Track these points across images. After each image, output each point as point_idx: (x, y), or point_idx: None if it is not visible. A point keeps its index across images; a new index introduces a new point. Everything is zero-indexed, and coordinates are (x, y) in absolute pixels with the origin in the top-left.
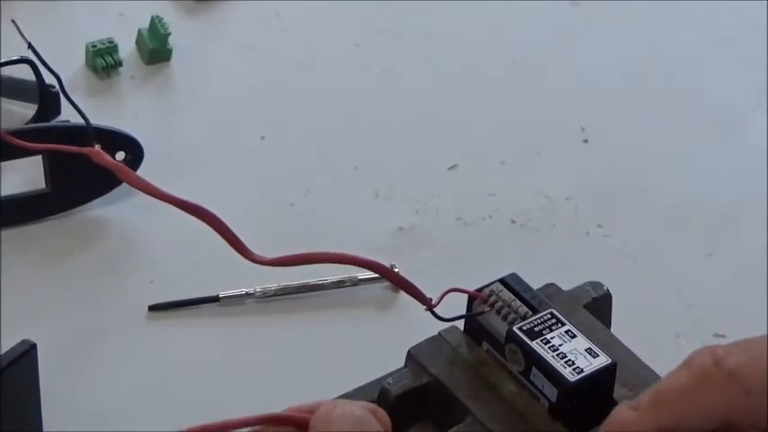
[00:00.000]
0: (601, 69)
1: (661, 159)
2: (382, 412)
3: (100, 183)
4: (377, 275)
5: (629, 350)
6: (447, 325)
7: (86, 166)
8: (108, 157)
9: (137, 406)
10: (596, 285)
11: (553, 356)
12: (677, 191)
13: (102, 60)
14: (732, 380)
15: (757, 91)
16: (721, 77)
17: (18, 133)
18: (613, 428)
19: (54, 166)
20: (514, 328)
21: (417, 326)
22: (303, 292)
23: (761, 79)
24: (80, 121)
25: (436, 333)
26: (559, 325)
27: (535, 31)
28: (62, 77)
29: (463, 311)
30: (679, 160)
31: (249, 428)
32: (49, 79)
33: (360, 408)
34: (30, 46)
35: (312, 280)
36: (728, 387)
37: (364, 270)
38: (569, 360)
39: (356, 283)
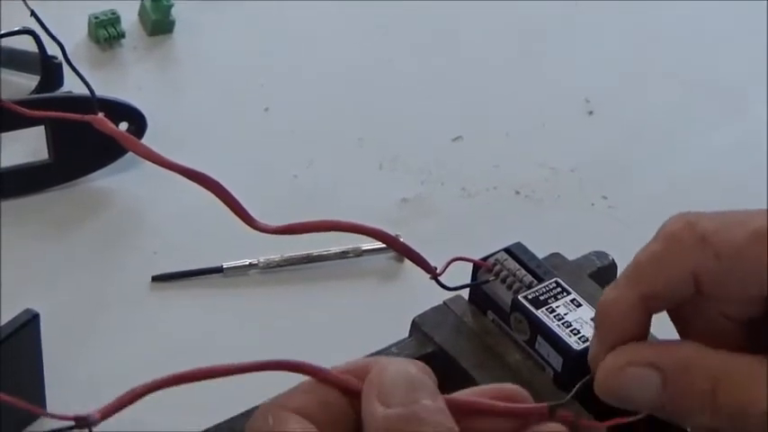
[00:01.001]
0: (605, 42)
1: (665, 131)
2: (429, 369)
3: (102, 153)
4: (381, 246)
5: None
6: (452, 294)
7: (89, 137)
8: (112, 125)
9: (140, 377)
10: (601, 255)
11: (558, 325)
12: (682, 163)
13: (105, 32)
14: (703, 243)
15: (761, 64)
16: (725, 51)
17: (21, 103)
18: (600, 310)
19: (56, 136)
20: (519, 297)
21: (422, 295)
22: (307, 263)
23: (764, 53)
24: (83, 92)
25: (441, 302)
26: (565, 294)
27: (540, 3)
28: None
29: (468, 281)
30: (684, 132)
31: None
32: (51, 51)
33: (413, 365)
34: (33, 13)
35: (316, 250)
36: (699, 249)
37: (368, 240)
38: (574, 329)
39: (360, 253)
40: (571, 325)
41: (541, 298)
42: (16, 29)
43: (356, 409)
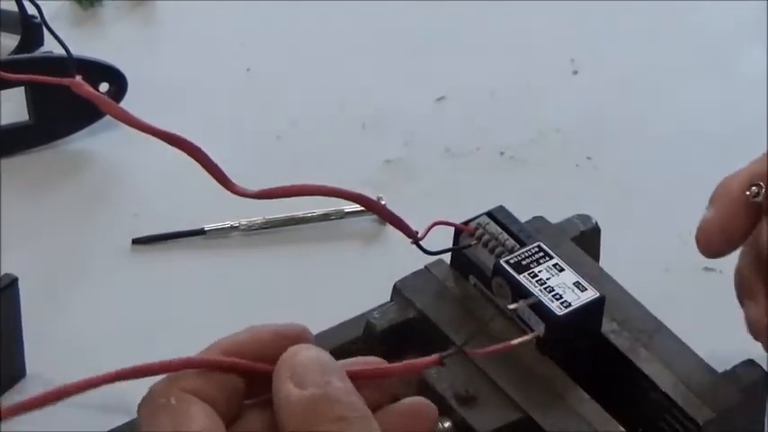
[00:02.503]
0: (591, 0)
1: (652, 91)
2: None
3: (83, 115)
4: (363, 208)
5: (617, 284)
6: (434, 258)
7: (69, 98)
8: (89, 88)
9: (121, 339)
10: (585, 218)
11: (540, 290)
12: (668, 123)
13: None
14: None
15: (753, 24)
16: (712, 8)
17: None
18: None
19: (36, 97)
20: (501, 262)
21: (404, 259)
22: (289, 225)
23: (758, 12)
24: (63, 52)
25: (423, 267)
26: (547, 258)
27: None
28: (45, 8)
29: (450, 245)
30: (671, 92)
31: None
32: (31, 9)
33: (320, 350)
34: None
35: (298, 213)
36: None
37: (351, 203)
38: (557, 294)
39: (342, 215)
40: (553, 290)
41: (524, 262)
42: None
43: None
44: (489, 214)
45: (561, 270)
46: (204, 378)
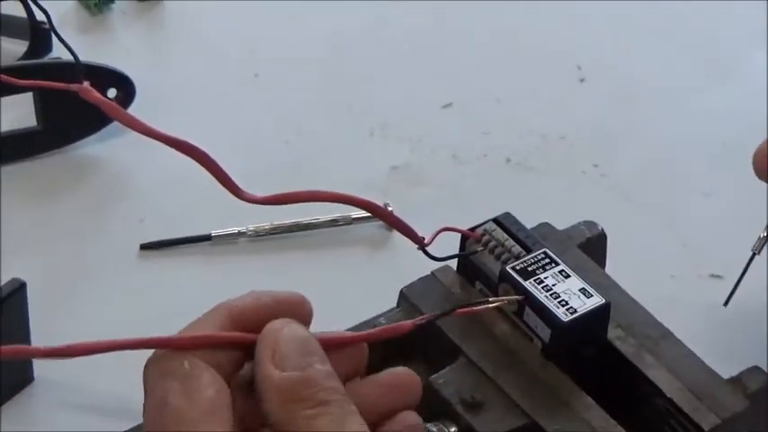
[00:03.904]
0: (598, 7)
1: (658, 99)
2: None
3: (91, 120)
4: (370, 214)
5: (623, 290)
6: (440, 264)
7: (77, 104)
8: (97, 94)
9: None
10: (591, 225)
11: (546, 296)
12: (674, 130)
13: None
14: None
15: (757, 33)
16: (718, 16)
17: (7, 70)
18: None
19: (45, 103)
20: (508, 268)
21: (410, 265)
22: (296, 231)
23: (762, 19)
24: (71, 58)
25: (429, 273)
26: (553, 265)
27: None
28: (54, 14)
29: (456, 251)
30: (676, 100)
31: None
32: (40, 16)
33: (302, 327)
34: None
35: (305, 219)
36: None
37: (358, 209)
38: (563, 300)
39: (349, 221)
40: (559, 296)
41: (530, 269)
42: None
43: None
44: (496, 220)
45: (567, 276)
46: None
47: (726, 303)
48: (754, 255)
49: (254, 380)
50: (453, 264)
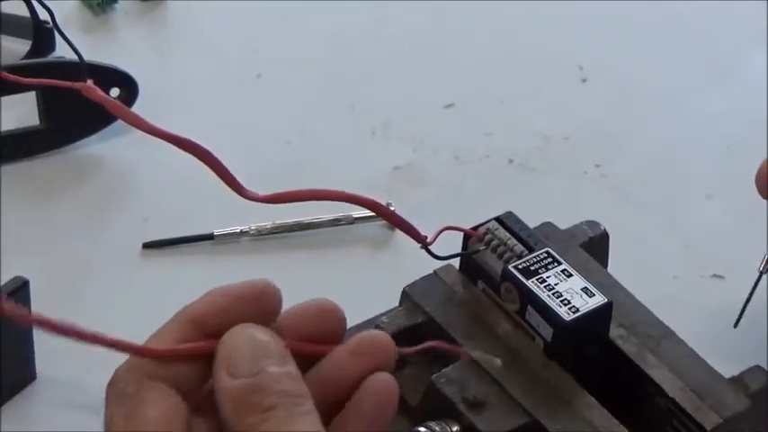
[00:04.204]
0: (599, 8)
1: (660, 99)
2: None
3: (94, 119)
4: (372, 214)
5: (625, 290)
6: (442, 263)
7: (80, 103)
8: (100, 93)
9: None
10: (593, 224)
11: (549, 295)
12: (676, 131)
13: None
14: None
15: (758, 33)
16: (720, 16)
17: (11, 69)
18: None
19: (48, 102)
20: (510, 267)
21: (413, 264)
22: (298, 231)
23: (762, 21)
24: (74, 57)
25: (431, 272)
26: (555, 264)
27: None
28: (57, 13)
29: (459, 250)
30: (678, 100)
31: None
32: (43, 15)
33: (259, 330)
34: None
35: (307, 218)
36: None
37: (360, 208)
38: (565, 299)
39: (351, 221)
40: (561, 295)
41: (532, 268)
42: None
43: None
44: (498, 220)
45: (569, 276)
46: (165, 362)
47: (735, 325)
48: (761, 274)
49: (214, 391)
50: (456, 263)
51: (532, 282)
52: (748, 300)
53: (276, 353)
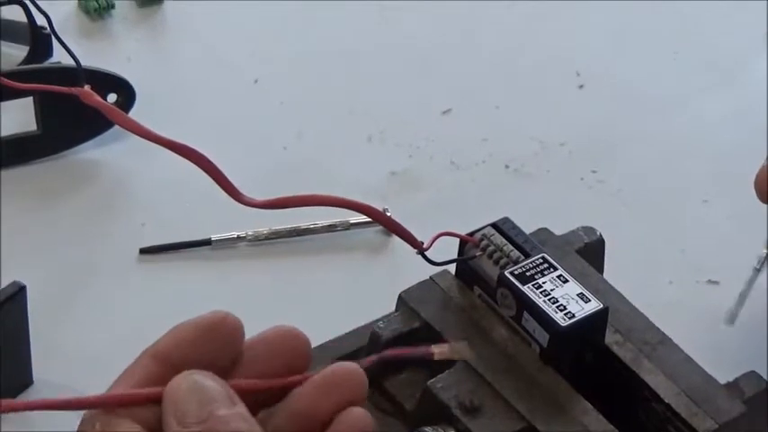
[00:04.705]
0: (597, 14)
1: (656, 105)
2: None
3: (91, 125)
4: (369, 219)
5: (621, 295)
6: (439, 269)
7: (77, 108)
8: (98, 98)
9: (127, 348)
10: (589, 230)
11: (545, 301)
12: (672, 137)
13: (95, 2)
14: None
15: (757, 38)
16: (716, 22)
17: (8, 74)
18: None
19: (45, 107)
20: (506, 273)
21: (409, 270)
22: (295, 236)
23: (762, 25)
24: (71, 63)
25: (428, 277)
26: (551, 269)
27: None
28: (54, 19)
29: (455, 256)
30: (674, 106)
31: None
32: (40, 21)
33: (203, 375)
34: None
35: (304, 224)
36: None
37: (356, 214)
38: (561, 305)
39: (348, 227)
40: (557, 301)
41: (528, 273)
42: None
43: None
44: (494, 225)
45: (565, 281)
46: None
47: (732, 322)
48: (757, 272)
49: None
50: (452, 268)
51: (528, 287)
52: (743, 296)
53: (222, 395)
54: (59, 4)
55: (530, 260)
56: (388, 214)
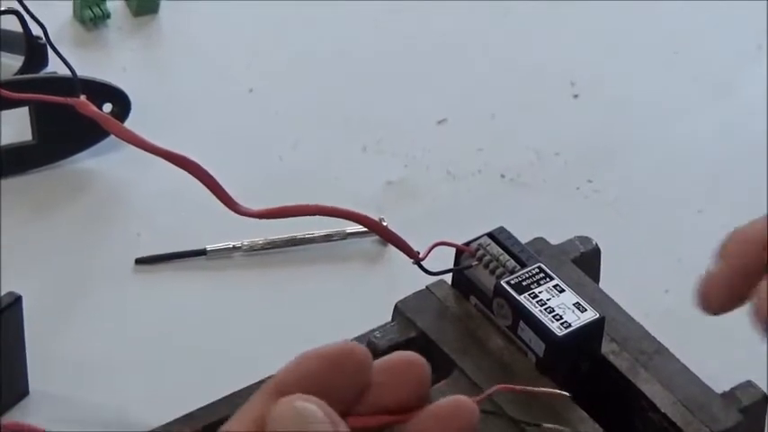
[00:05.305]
0: (592, 24)
1: (652, 115)
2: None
3: (87, 135)
4: (365, 229)
5: (617, 305)
6: (435, 279)
7: (73, 118)
8: (94, 108)
9: (123, 358)
10: (585, 240)
11: (541, 311)
12: (668, 146)
13: (90, 12)
14: None
15: (752, 48)
16: (712, 33)
17: (4, 84)
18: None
19: (40, 117)
20: (502, 282)
21: (405, 280)
22: (291, 246)
23: (757, 37)
24: (67, 73)
25: (424, 287)
26: (547, 279)
27: None
28: (49, 29)
29: (451, 265)
30: (670, 116)
31: None
32: (36, 30)
33: (301, 399)
34: None
35: (300, 233)
36: None
37: (352, 224)
38: (557, 314)
39: (344, 236)
40: (554, 311)
41: (524, 283)
42: (1, 9)
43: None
44: (490, 235)
45: (561, 291)
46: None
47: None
48: None
49: None
50: (448, 278)
51: (524, 297)
52: None
53: (324, 420)
54: (55, 13)
55: (526, 270)
56: (385, 224)
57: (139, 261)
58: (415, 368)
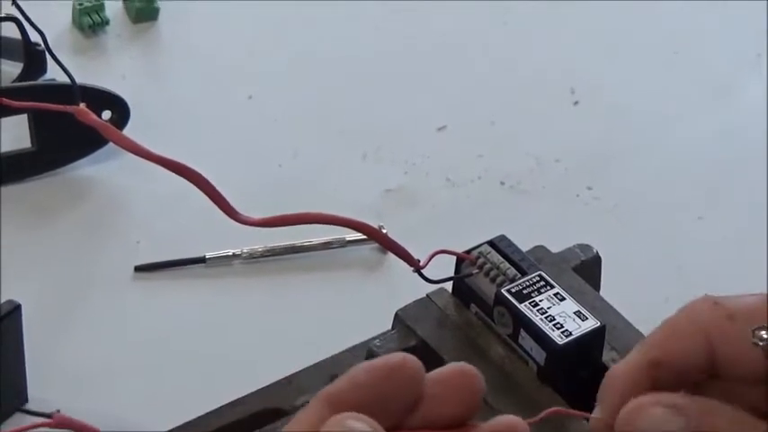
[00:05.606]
0: (592, 31)
1: (652, 122)
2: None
3: (86, 142)
4: (365, 237)
5: (618, 313)
6: (435, 287)
7: (72, 126)
8: (93, 116)
9: (122, 366)
10: (585, 248)
11: (541, 319)
12: (668, 154)
13: (89, 19)
14: (716, 305)
15: (751, 55)
16: (711, 39)
17: (2, 91)
18: (608, 376)
19: (39, 125)
20: (503, 291)
21: (405, 288)
22: (291, 254)
23: (757, 44)
24: (66, 80)
25: (424, 295)
26: (548, 287)
27: None
28: (48, 36)
29: (451, 273)
30: (670, 123)
31: None
32: (35, 37)
33: (355, 419)
34: (14, 2)
35: (300, 241)
36: (711, 311)
37: (352, 231)
38: (558, 323)
39: (344, 244)
40: (554, 319)
41: (525, 291)
42: (0, 16)
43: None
44: (491, 243)
45: (562, 299)
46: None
47: None
48: None
49: None
50: (448, 286)
51: (525, 305)
52: None
53: None
54: (53, 20)
55: (526, 278)
56: (384, 231)
57: (139, 268)
58: (468, 379)
